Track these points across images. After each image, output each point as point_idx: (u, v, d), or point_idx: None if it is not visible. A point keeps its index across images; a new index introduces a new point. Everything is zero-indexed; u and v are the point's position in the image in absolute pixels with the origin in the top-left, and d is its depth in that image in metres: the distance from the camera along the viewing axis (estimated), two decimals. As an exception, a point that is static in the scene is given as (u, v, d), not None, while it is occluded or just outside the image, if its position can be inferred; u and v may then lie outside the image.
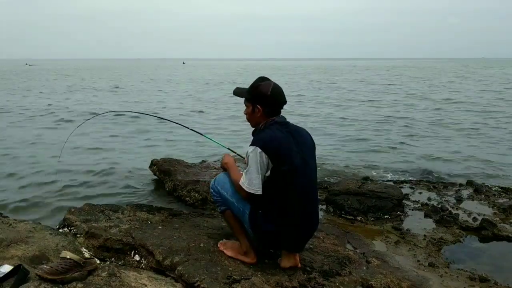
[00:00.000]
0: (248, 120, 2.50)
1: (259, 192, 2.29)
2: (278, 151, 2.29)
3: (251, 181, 2.28)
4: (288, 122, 2.45)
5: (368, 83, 27.50)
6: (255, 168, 2.27)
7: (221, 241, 2.69)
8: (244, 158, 2.55)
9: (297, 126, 2.50)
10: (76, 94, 19.44)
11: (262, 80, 2.44)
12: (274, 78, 2.52)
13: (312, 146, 2.49)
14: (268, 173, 2.30)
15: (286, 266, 2.48)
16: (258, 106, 2.39)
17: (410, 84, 25.83)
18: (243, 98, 2.48)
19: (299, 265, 2.53)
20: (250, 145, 2.33)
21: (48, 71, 49.63)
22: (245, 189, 2.30)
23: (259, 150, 2.27)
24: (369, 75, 39.07)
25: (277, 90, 2.38)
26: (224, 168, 2.56)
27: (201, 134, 3.49)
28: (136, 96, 18.56)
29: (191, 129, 3.51)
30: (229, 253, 2.57)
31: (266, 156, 2.27)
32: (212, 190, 2.58)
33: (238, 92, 2.53)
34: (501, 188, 4.89)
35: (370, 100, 16.24)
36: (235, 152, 3.17)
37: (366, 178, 5.28)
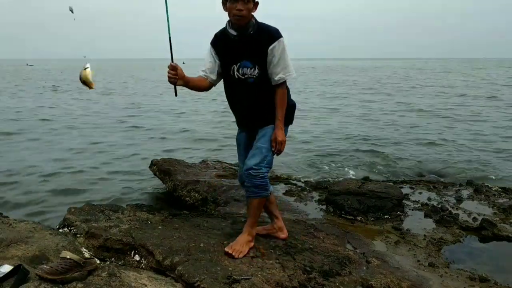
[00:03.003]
0: (244, 16, 2.43)
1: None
2: None
3: (292, 68, 2.55)
4: None
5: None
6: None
7: (227, 247, 2.59)
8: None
9: None
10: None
11: None
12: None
13: None
14: None
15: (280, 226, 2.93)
16: (257, 1, 2.49)
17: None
18: None
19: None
20: (273, 41, 2.45)
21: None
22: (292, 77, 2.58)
23: (283, 39, 2.47)
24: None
25: None
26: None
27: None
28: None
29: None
30: (246, 248, 2.61)
31: None
32: (256, 172, 2.54)
33: None
34: (501, 188, 4.89)
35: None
36: (171, 52, 2.48)
37: (366, 178, 5.28)
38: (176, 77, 2.41)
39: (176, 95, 2.61)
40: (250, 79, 2.54)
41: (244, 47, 2.50)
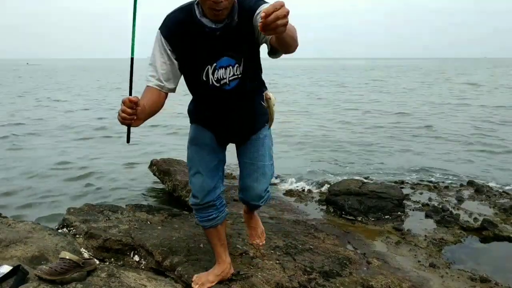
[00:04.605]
0: (225, 8, 1.69)
1: None
2: None
3: None
4: None
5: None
6: None
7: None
8: None
9: None
10: None
11: None
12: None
13: None
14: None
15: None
16: None
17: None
18: None
19: None
20: (257, 7, 1.71)
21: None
22: None
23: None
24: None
25: None
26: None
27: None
28: None
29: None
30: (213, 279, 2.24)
31: None
32: (267, 195, 2.27)
33: None
34: (502, 188, 4.88)
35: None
36: (131, 76, 1.70)
37: (367, 178, 5.27)
38: (134, 117, 1.60)
39: (128, 141, 1.79)
40: (227, 86, 1.88)
41: (227, 41, 1.80)
